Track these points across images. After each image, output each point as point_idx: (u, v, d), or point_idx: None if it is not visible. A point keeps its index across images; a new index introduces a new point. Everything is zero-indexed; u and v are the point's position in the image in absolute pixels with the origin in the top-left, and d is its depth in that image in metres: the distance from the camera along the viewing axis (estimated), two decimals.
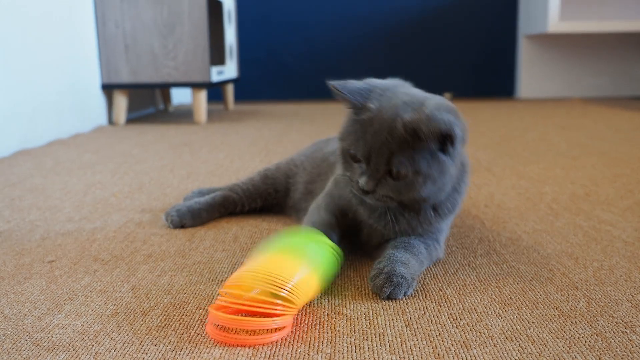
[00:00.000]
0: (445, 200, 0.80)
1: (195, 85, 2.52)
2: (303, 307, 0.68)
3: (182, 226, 1.01)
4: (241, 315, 0.64)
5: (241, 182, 1.10)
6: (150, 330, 0.64)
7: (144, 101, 3.06)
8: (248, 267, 0.65)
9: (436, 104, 0.75)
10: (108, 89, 2.51)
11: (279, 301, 0.62)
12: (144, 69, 2.47)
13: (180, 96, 3.61)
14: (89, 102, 2.41)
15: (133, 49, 2.46)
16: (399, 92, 0.80)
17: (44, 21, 2.05)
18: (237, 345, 0.60)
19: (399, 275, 0.72)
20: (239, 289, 0.63)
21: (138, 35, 2.45)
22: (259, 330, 0.62)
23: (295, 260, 0.66)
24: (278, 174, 1.08)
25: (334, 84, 0.78)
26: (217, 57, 2.64)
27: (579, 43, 3.67)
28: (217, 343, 0.61)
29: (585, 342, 0.60)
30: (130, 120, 2.70)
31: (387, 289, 0.71)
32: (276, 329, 0.62)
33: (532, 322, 0.65)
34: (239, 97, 3.71)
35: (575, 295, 0.72)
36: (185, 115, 2.95)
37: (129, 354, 0.59)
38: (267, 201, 1.08)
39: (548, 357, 0.57)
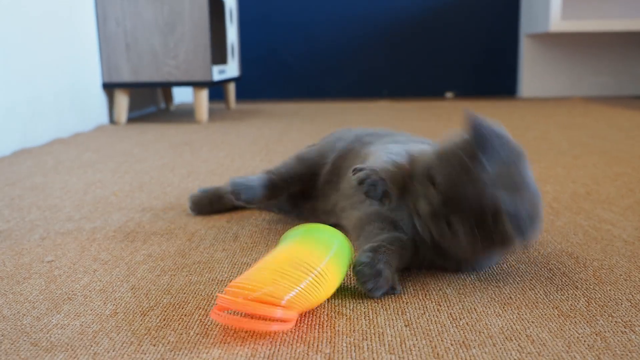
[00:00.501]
0: None
1: (197, 85, 2.52)
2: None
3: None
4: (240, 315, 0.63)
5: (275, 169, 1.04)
6: (149, 330, 0.64)
7: (145, 100, 3.06)
8: (251, 273, 0.63)
9: None
10: (109, 87, 2.51)
11: (279, 309, 0.60)
12: (145, 67, 2.47)
13: (181, 95, 3.61)
14: (89, 101, 2.42)
15: (134, 47, 2.46)
16: None
17: (45, 20, 2.05)
18: (239, 327, 0.62)
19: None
20: (237, 295, 0.61)
21: (139, 33, 2.45)
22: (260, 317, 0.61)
23: (323, 249, 0.66)
24: (313, 155, 1.03)
25: None
26: (219, 56, 2.64)
27: (580, 42, 3.66)
28: (221, 324, 0.62)
29: (585, 341, 0.60)
30: (131, 119, 2.70)
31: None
32: (278, 319, 0.61)
33: (532, 322, 0.65)
34: (241, 96, 3.72)
35: (575, 295, 0.72)
36: (186, 114, 2.95)
37: (128, 354, 0.59)
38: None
39: (547, 357, 0.57)
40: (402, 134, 1.03)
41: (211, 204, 1.09)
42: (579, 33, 3.59)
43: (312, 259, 0.65)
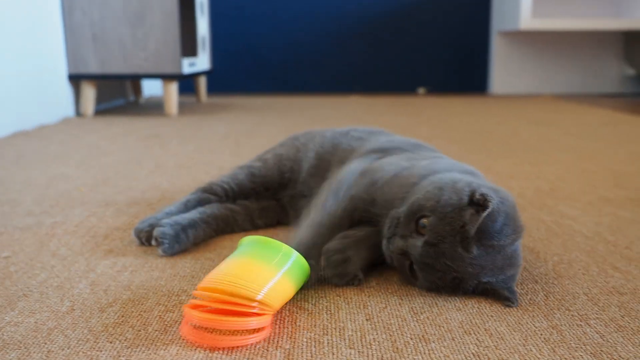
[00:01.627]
0: None
1: (166, 77, 2.48)
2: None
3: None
4: (217, 316, 0.59)
5: (220, 181, 0.99)
6: (106, 327, 0.63)
7: (113, 92, 3.02)
8: (222, 270, 0.62)
9: None
10: (75, 79, 2.46)
11: (255, 303, 0.59)
12: (113, 59, 2.43)
13: (151, 88, 3.56)
14: (55, 93, 2.37)
15: (101, 38, 2.42)
16: None
17: (7, 9, 2.00)
18: (214, 347, 0.58)
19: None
20: (213, 290, 0.60)
21: (106, 24, 2.41)
22: (236, 330, 0.59)
23: (269, 267, 0.63)
24: (267, 171, 0.99)
25: None
26: (189, 48, 2.61)
27: (550, 40, 3.72)
28: (193, 344, 0.59)
29: (541, 335, 0.61)
30: (98, 112, 2.66)
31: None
32: (254, 330, 0.60)
33: (491, 316, 0.65)
34: (212, 89, 3.68)
35: (534, 289, 0.73)
36: (156, 107, 2.91)
37: (83, 352, 0.58)
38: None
39: (504, 350, 0.58)
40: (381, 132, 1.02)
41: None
42: (549, 31, 3.64)
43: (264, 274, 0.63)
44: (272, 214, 0.98)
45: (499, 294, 0.68)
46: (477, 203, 0.67)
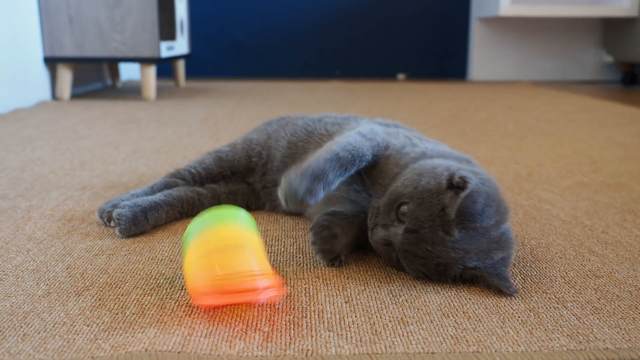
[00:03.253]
0: None
1: (144, 61, 2.45)
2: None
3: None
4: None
5: (187, 166, 0.99)
6: (83, 310, 0.62)
7: (90, 76, 2.97)
8: (205, 269, 0.61)
9: None
10: (51, 62, 2.41)
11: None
12: (90, 42, 2.39)
13: (129, 72, 3.51)
14: (30, 76, 2.32)
15: (78, 20, 2.37)
16: None
17: None
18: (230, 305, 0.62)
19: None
20: (215, 294, 0.61)
21: (83, 6, 2.36)
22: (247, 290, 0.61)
23: (241, 246, 0.62)
24: (235, 155, 0.99)
25: None
26: (167, 32, 2.57)
27: (529, 27, 3.73)
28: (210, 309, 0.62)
29: (519, 317, 0.62)
30: (75, 96, 2.61)
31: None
32: (265, 287, 0.61)
33: (469, 299, 0.66)
34: (191, 73, 3.64)
35: (512, 272, 0.73)
36: (133, 91, 2.87)
37: (59, 335, 0.57)
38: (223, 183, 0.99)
39: (482, 332, 0.58)
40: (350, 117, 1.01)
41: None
42: (528, 18, 3.65)
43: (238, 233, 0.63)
44: (240, 197, 0.97)
45: (488, 282, 0.66)
46: (457, 186, 0.67)
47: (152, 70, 2.51)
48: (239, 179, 0.99)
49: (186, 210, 0.92)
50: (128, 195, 0.91)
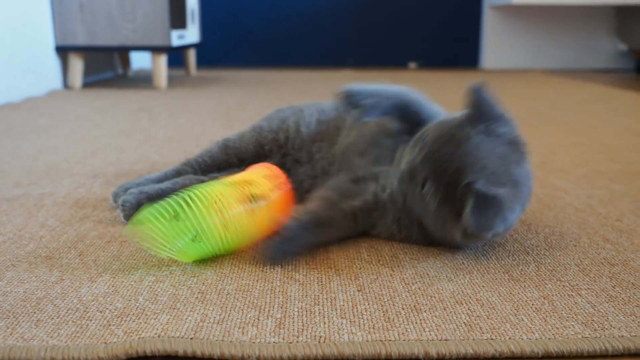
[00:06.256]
0: None
1: (155, 49, 2.45)
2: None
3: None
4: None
5: (196, 156, 1.00)
6: (96, 296, 0.62)
7: (101, 65, 2.97)
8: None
9: None
10: (63, 51, 2.42)
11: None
12: (101, 31, 2.39)
13: (140, 61, 3.51)
14: (42, 65, 2.33)
15: (89, 9, 2.37)
16: None
17: None
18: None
19: None
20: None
21: None
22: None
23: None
24: (242, 143, 1.00)
25: None
26: (178, 20, 2.56)
27: (542, 15, 3.69)
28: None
29: (533, 304, 0.61)
30: (87, 85, 2.62)
31: None
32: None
33: (483, 286, 0.65)
34: (202, 62, 3.63)
35: (526, 260, 0.73)
36: (144, 80, 2.88)
37: (73, 321, 0.57)
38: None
39: (495, 320, 0.58)
40: None
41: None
42: (542, 5, 3.61)
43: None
44: None
45: (481, 208, 0.65)
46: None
47: (163, 59, 2.51)
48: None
49: None
50: (142, 179, 0.93)
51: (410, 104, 0.83)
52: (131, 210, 0.83)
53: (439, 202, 0.70)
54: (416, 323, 0.57)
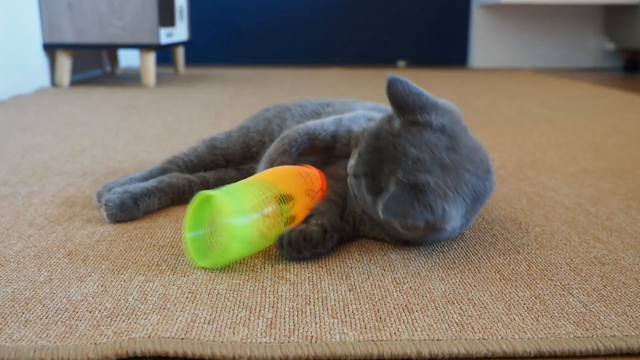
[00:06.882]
0: None
1: (143, 47, 2.43)
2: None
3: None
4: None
5: (182, 154, 1.00)
6: (85, 296, 0.62)
7: (89, 62, 2.95)
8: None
9: None
10: (50, 48, 2.39)
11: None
12: (89, 28, 2.37)
13: (128, 58, 3.49)
14: (29, 63, 2.30)
15: (77, 6, 2.35)
16: None
17: None
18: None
19: None
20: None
21: None
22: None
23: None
24: (229, 144, 0.99)
25: None
26: (167, 18, 2.55)
27: (531, 14, 3.71)
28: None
29: (524, 304, 0.61)
30: (74, 82, 2.60)
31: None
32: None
33: (474, 286, 0.65)
34: (190, 60, 3.62)
35: (517, 259, 0.73)
36: (133, 78, 2.86)
37: (62, 321, 0.56)
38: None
39: (487, 319, 0.58)
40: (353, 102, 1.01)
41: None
42: (530, 4, 3.63)
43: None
44: (228, 183, 0.96)
45: (398, 196, 0.66)
46: None
47: (151, 57, 2.49)
48: (232, 167, 0.99)
49: (176, 197, 0.91)
50: (127, 179, 0.92)
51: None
52: (115, 209, 0.83)
53: (372, 195, 0.70)
54: (408, 323, 0.57)
